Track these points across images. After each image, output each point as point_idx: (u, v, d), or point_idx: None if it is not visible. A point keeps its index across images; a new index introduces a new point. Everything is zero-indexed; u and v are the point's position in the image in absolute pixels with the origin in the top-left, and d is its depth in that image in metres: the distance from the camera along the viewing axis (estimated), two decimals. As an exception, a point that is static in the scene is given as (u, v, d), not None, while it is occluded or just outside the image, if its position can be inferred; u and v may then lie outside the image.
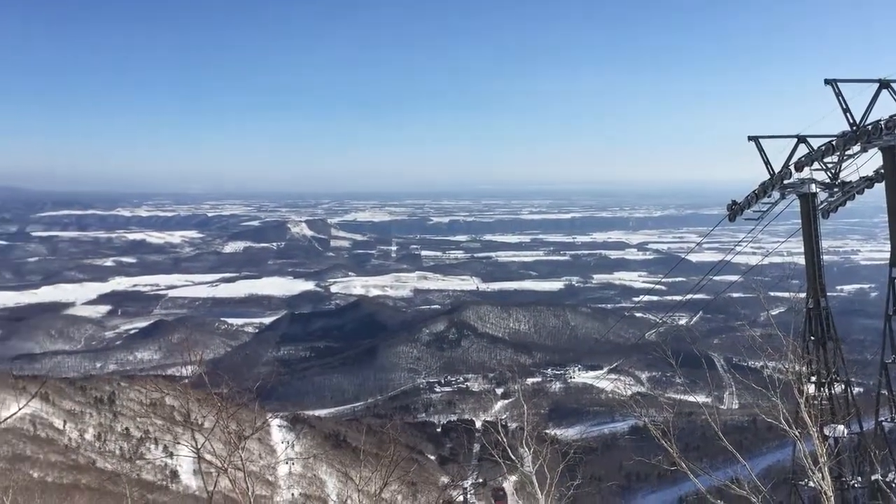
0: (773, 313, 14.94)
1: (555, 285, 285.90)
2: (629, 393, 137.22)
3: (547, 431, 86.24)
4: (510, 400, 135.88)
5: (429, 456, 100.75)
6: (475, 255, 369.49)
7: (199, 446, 7.10)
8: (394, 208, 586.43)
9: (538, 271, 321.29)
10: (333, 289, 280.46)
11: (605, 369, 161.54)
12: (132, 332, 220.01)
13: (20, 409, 46.51)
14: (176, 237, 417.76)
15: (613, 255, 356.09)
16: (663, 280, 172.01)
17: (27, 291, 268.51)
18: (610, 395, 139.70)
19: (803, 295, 21.01)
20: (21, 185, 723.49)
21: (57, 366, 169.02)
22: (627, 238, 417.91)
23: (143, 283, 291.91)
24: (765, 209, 22.58)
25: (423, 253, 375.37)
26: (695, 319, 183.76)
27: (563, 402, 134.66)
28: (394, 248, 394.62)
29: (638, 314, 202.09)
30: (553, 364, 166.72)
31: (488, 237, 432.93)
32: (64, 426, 74.05)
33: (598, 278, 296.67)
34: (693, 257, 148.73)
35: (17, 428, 61.86)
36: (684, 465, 11.21)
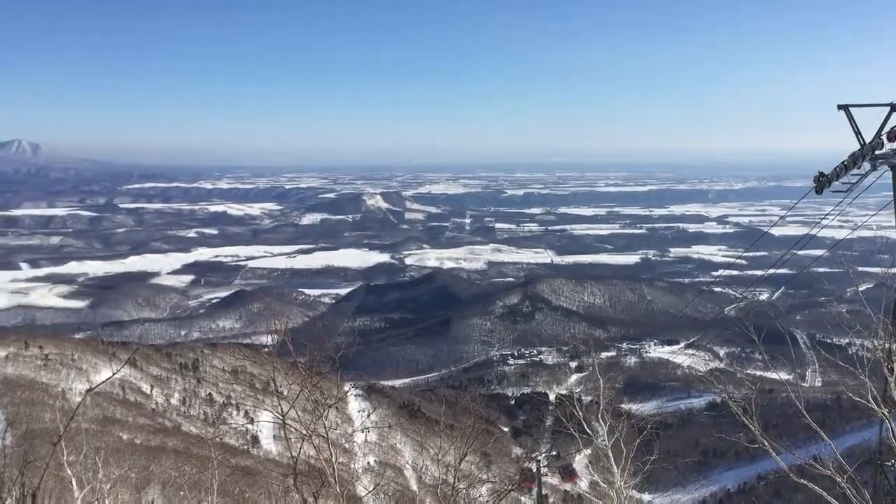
0: (862, 289, 14.37)
1: (630, 259, 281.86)
2: (706, 368, 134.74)
3: (621, 406, 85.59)
4: (584, 374, 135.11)
5: (502, 428, 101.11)
6: (549, 227, 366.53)
7: (284, 413, 7.26)
8: (468, 181, 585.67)
9: (613, 244, 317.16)
10: (408, 261, 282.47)
11: (682, 344, 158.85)
12: (214, 301, 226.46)
13: (114, 375, 48.48)
14: (255, 209, 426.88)
15: (692, 228, 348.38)
16: (744, 254, 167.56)
17: (116, 261, 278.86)
18: (686, 371, 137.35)
19: (895, 270, 20.15)
20: (109, 159, 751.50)
21: (144, 333, 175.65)
22: (706, 211, 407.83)
23: (225, 253, 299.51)
24: (854, 181, 21.65)
25: (497, 225, 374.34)
26: (777, 295, 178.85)
27: (638, 377, 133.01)
28: (468, 220, 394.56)
29: (717, 289, 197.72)
30: (628, 338, 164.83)
31: (563, 210, 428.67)
32: (151, 391, 76.94)
33: (676, 252, 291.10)
34: (776, 231, 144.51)
35: (108, 392, 64.50)
36: (766, 443, 10.94)
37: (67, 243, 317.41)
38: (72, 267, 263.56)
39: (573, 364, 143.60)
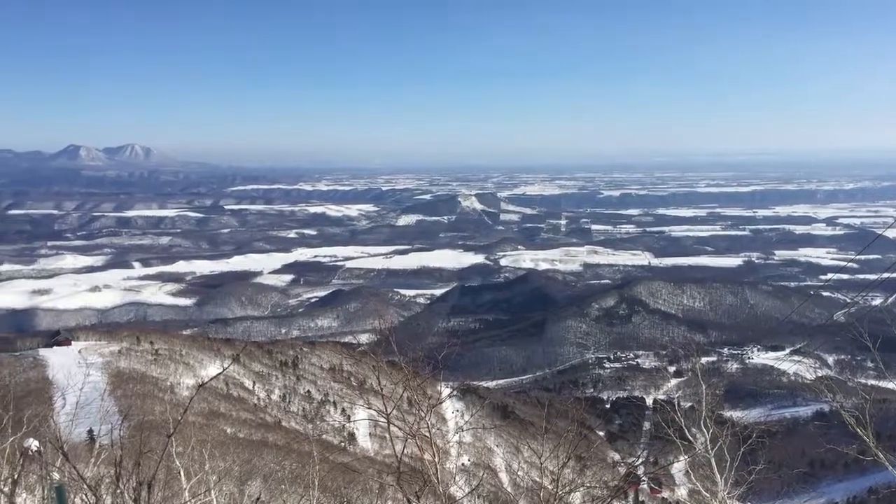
0: None
1: (733, 261, 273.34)
2: (814, 376, 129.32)
3: (722, 413, 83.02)
4: (683, 378, 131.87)
5: (597, 432, 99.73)
6: (647, 229, 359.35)
7: (388, 412, 7.33)
8: (564, 182, 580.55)
9: (714, 247, 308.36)
10: (503, 262, 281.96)
11: (787, 350, 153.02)
12: (313, 300, 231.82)
13: (223, 371, 50.26)
14: (353, 210, 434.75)
15: (798, 230, 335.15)
16: (856, 257, 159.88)
17: (221, 261, 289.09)
18: (792, 378, 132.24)
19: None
20: (215, 162, 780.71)
21: (247, 330, 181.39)
22: (815, 212, 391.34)
23: (323, 254, 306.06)
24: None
25: (594, 227, 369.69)
26: (892, 300, 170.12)
27: (741, 384, 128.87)
28: (563, 221, 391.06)
29: (825, 293, 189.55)
30: (730, 343, 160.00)
31: (661, 211, 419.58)
32: (253, 386, 79.36)
33: (781, 254, 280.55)
34: (891, 233, 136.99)
35: (213, 387, 66.82)
36: (882, 456, 10.38)
37: (176, 243, 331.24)
38: (180, 266, 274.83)
39: (671, 369, 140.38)
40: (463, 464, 67.36)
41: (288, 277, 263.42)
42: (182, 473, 11.64)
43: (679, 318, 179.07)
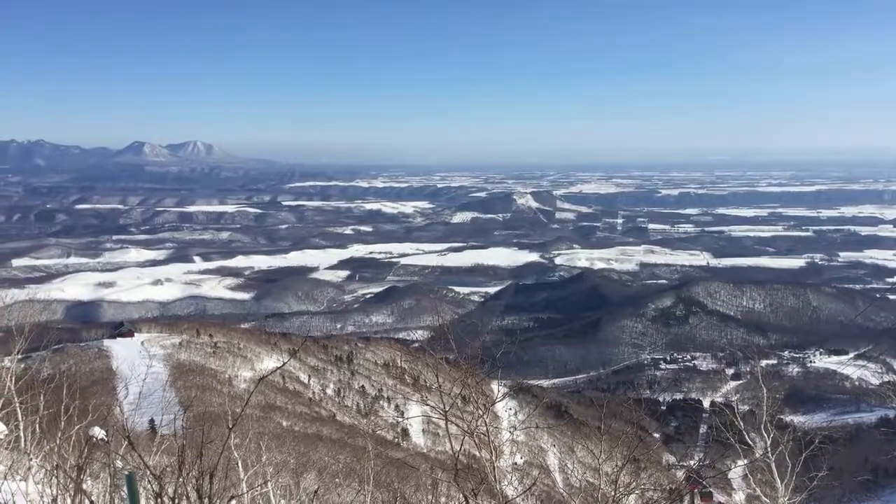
0: None
1: (794, 263, 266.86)
2: (879, 381, 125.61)
3: (783, 417, 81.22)
4: (741, 381, 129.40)
5: (653, 434, 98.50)
6: (706, 229, 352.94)
7: (446, 409, 7.36)
8: (620, 180, 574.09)
9: (776, 247, 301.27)
10: (557, 260, 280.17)
11: (851, 355, 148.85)
12: (368, 296, 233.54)
13: (283, 365, 51.06)
14: (408, 207, 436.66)
15: (864, 231, 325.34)
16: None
17: (279, 256, 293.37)
18: (856, 383, 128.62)
19: None
20: (274, 159, 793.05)
21: (302, 325, 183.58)
22: (882, 213, 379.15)
23: (378, 250, 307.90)
24: None
25: (650, 226, 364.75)
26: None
27: (802, 388, 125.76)
28: (619, 220, 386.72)
29: (892, 297, 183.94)
30: (790, 346, 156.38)
31: (721, 210, 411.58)
32: (308, 381, 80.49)
33: (846, 256, 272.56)
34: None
35: (270, 380, 67.97)
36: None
37: (235, 238, 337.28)
38: (239, 261, 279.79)
39: (729, 371, 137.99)
40: (516, 462, 67.20)
41: (343, 273, 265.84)
42: (240, 464, 11.87)
43: (738, 320, 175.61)
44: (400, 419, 77.08)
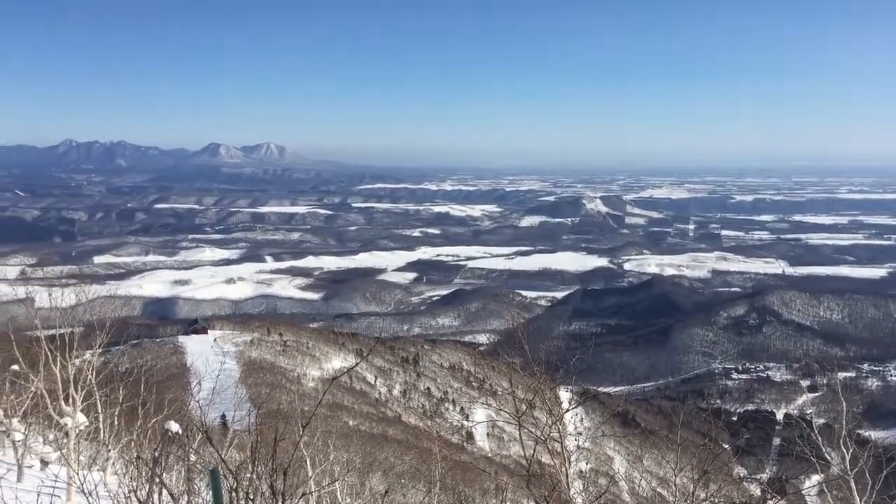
0: None
1: (876, 272, 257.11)
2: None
3: (861, 432, 78.33)
4: (817, 394, 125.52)
5: (723, 445, 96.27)
6: (781, 236, 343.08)
7: (519, 414, 7.33)
8: (693, 185, 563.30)
9: (856, 256, 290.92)
10: (626, 266, 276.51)
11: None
12: (435, 298, 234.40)
13: (355, 366, 51.67)
14: (476, 210, 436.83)
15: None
16: None
17: (348, 257, 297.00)
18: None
19: None
20: (344, 161, 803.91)
21: (370, 326, 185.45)
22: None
23: (446, 253, 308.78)
24: None
25: (724, 232, 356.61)
26: None
27: (882, 402, 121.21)
28: (691, 226, 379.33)
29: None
30: (870, 359, 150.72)
31: (798, 217, 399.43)
32: (375, 381, 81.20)
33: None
34: None
35: (338, 379, 68.89)
36: None
37: (306, 239, 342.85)
38: (309, 261, 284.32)
39: (805, 383, 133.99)
40: (581, 469, 66.47)
41: (411, 275, 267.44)
42: (308, 462, 12.04)
43: (814, 331, 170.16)
44: (465, 422, 77.13)
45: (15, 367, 12.21)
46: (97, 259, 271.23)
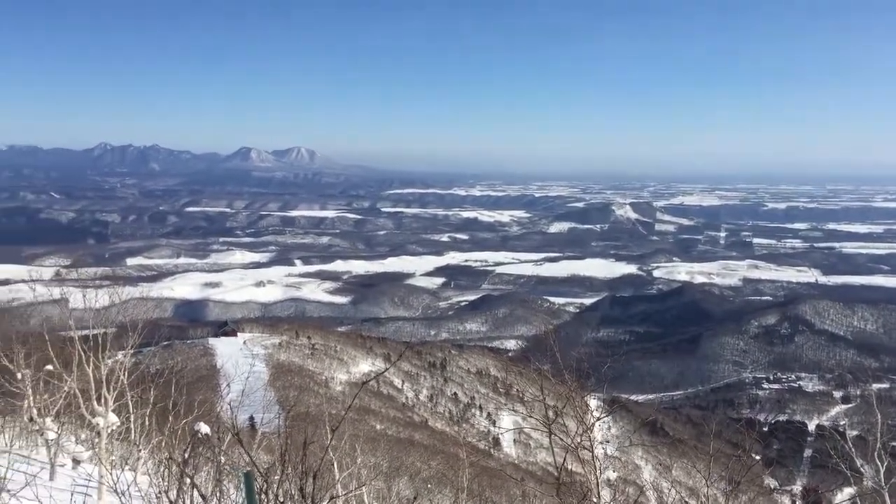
0: None
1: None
2: None
3: (895, 444, 76.89)
4: (851, 405, 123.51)
5: (753, 455, 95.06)
6: (815, 244, 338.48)
7: (551, 422, 7.30)
8: (724, 192, 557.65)
9: (891, 265, 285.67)
10: (656, 273, 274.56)
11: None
12: (462, 304, 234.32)
13: (384, 371, 51.78)
14: (505, 216, 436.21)
15: None
16: None
17: (376, 261, 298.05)
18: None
19: None
20: (374, 165, 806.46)
21: (397, 330, 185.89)
22: None
23: (474, 258, 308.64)
24: None
25: (755, 240, 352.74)
26: None
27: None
28: (722, 234, 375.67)
29: None
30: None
31: (832, 226, 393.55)
32: (402, 385, 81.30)
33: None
34: None
35: (366, 384, 69.03)
36: None
37: (335, 243, 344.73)
38: (338, 265, 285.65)
39: (838, 394, 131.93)
40: (609, 478, 66.02)
41: (439, 280, 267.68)
42: (335, 465, 12.09)
43: (848, 341, 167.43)
44: (492, 428, 76.91)
45: (49, 366, 12.39)
46: (130, 261, 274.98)
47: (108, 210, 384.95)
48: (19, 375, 12.03)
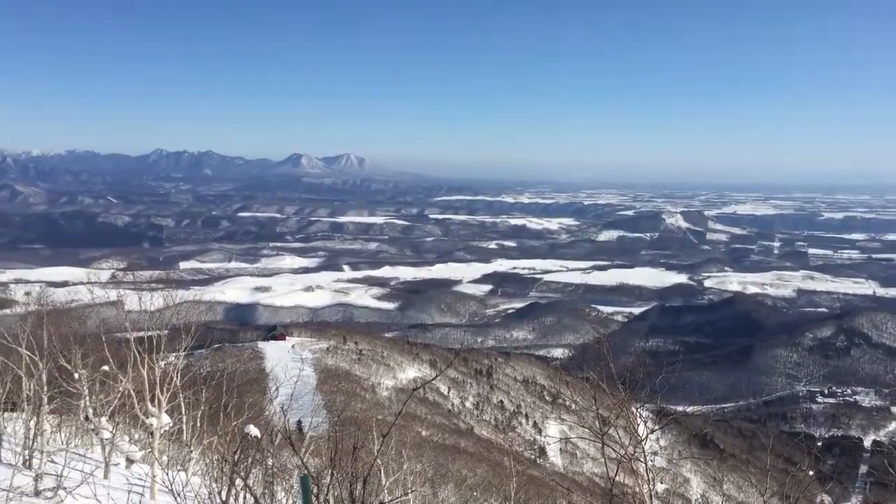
0: None
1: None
2: None
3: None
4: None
5: (806, 471, 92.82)
6: (873, 255, 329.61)
7: (603, 432, 7.24)
8: (779, 201, 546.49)
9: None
10: (707, 283, 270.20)
11: None
12: (509, 311, 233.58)
13: (434, 379, 51.83)
14: (553, 224, 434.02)
15: None
16: None
17: (424, 268, 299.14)
18: None
19: None
20: (423, 172, 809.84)
21: (444, 337, 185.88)
22: None
23: (522, 266, 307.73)
24: None
25: (810, 251, 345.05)
26: None
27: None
28: (776, 243, 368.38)
29: None
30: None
31: (891, 236, 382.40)
32: (448, 392, 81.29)
33: None
34: None
35: (410, 389, 69.20)
36: None
37: (383, 249, 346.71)
38: (385, 271, 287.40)
39: (895, 409, 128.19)
40: (657, 490, 65.09)
41: (486, 287, 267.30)
42: (382, 471, 12.13)
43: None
44: (539, 437, 76.46)
45: (105, 367, 12.69)
46: (183, 265, 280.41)
47: (162, 214, 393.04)
48: (76, 375, 12.33)
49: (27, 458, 11.43)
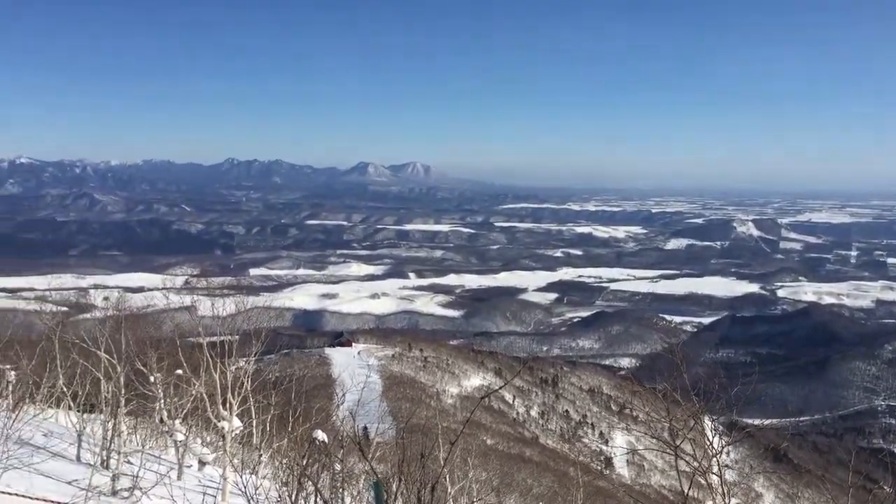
0: None
1: None
2: None
3: None
4: None
5: (885, 488, 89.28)
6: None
7: (675, 445, 7.10)
8: (856, 209, 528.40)
9: None
10: (780, 293, 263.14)
11: None
12: (575, 320, 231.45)
13: (502, 387, 51.77)
14: (620, 232, 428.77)
15: None
16: None
17: (489, 276, 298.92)
18: None
19: None
20: (488, 180, 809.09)
21: (509, 345, 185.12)
22: None
23: (588, 274, 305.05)
24: None
25: (890, 260, 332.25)
26: None
27: None
28: (853, 252, 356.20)
29: None
30: None
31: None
32: (513, 401, 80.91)
33: None
34: None
35: (475, 397, 69.16)
36: None
37: (448, 257, 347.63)
38: (451, 279, 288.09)
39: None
40: (727, 505, 63.40)
41: (552, 296, 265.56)
42: (447, 479, 12.13)
43: None
44: (605, 447, 75.44)
45: (179, 371, 13.03)
46: (253, 271, 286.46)
47: (233, 222, 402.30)
48: (152, 378, 12.69)
49: (105, 458, 11.78)
